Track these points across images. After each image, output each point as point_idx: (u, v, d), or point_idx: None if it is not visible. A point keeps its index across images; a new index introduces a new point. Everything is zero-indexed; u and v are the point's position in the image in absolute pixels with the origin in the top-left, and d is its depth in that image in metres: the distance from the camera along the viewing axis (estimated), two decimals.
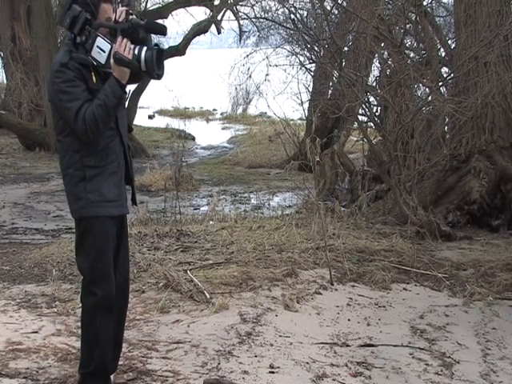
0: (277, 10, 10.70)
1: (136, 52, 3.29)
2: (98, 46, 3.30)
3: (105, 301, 3.43)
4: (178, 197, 8.68)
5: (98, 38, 3.31)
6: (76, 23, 3.31)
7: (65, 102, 3.30)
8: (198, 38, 19.42)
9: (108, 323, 3.47)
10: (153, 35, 3.57)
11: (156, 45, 3.40)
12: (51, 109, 3.49)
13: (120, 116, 3.48)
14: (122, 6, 3.39)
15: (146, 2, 19.61)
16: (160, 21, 19.74)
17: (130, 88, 3.49)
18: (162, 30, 3.44)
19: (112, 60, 3.28)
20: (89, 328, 3.48)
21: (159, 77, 3.40)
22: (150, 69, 3.32)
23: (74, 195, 3.42)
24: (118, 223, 3.52)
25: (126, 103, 3.49)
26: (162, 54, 3.36)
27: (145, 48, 3.31)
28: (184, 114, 24.68)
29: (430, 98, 7.77)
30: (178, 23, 56.56)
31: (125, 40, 3.28)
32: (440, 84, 8.19)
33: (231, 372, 3.92)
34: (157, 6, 19.93)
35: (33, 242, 7.63)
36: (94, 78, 3.34)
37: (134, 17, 3.37)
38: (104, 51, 3.30)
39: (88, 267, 3.45)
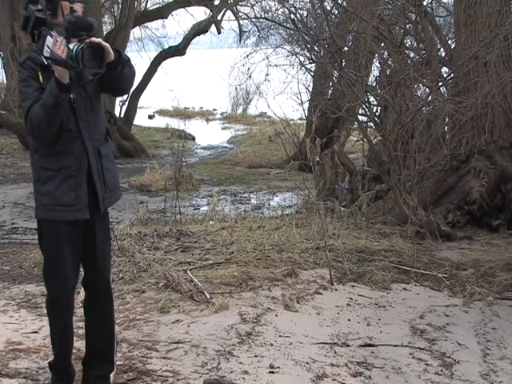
0: (277, 10, 10.70)
1: (73, 51, 3.15)
2: (47, 45, 3.24)
3: (52, 302, 3.46)
4: (178, 197, 8.68)
5: (48, 37, 3.24)
6: (28, 23, 3.30)
7: (21, 102, 3.31)
8: (197, 37, 19.46)
9: (57, 322, 3.48)
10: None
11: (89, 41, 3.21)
12: None
13: (84, 119, 3.35)
14: (75, 2, 3.30)
15: (146, 2, 19.65)
16: (160, 21, 19.87)
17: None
18: (89, 27, 3.26)
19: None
20: (49, 323, 3.55)
21: (94, 75, 3.26)
22: (79, 66, 3.16)
23: (34, 196, 3.42)
24: (81, 227, 3.41)
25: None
26: (95, 51, 3.19)
27: (81, 46, 3.17)
28: (184, 113, 24.69)
29: (430, 97, 7.76)
30: (178, 23, 56.69)
31: (60, 38, 3.18)
32: (440, 84, 8.19)
33: (231, 372, 3.92)
34: (157, 5, 19.96)
35: (33, 242, 7.61)
36: (41, 77, 3.28)
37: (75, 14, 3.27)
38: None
39: (43, 267, 3.48)
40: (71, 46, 3.16)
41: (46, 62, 3.26)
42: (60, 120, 3.24)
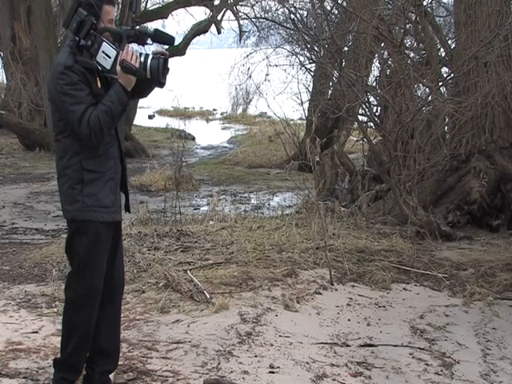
0: (277, 10, 10.71)
1: (142, 60, 3.32)
2: (103, 52, 3.30)
3: (85, 297, 3.45)
4: (178, 197, 8.67)
5: (104, 43, 3.31)
6: (82, 28, 3.32)
7: (68, 105, 3.30)
8: (197, 37, 19.46)
9: (84, 317, 3.47)
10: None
11: (161, 53, 3.43)
12: (51, 108, 3.49)
13: (118, 123, 3.49)
14: (130, 12, 3.43)
15: (146, 2, 19.62)
16: (160, 21, 19.86)
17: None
18: (170, 41, 3.46)
19: (119, 67, 3.29)
20: (67, 320, 3.52)
21: (162, 85, 3.44)
22: (155, 77, 3.35)
23: (69, 196, 3.42)
24: (113, 228, 3.53)
25: None
26: (167, 63, 3.39)
27: (150, 56, 3.34)
28: (184, 114, 24.66)
29: (430, 97, 7.76)
30: (177, 23, 56.74)
31: (131, 48, 3.30)
32: (440, 84, 8.18)
33: (231, 372, 3.93)
34: (157, 5, 19.95)
35: (33, 241, 7.63)
36: (98, 82, 3.35)
37: (138, 23, 3.42)
38: (109, 57, 3.30)
39: (76, 265, 3.49)
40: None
41: (100, 68, 3.33)
42: None
